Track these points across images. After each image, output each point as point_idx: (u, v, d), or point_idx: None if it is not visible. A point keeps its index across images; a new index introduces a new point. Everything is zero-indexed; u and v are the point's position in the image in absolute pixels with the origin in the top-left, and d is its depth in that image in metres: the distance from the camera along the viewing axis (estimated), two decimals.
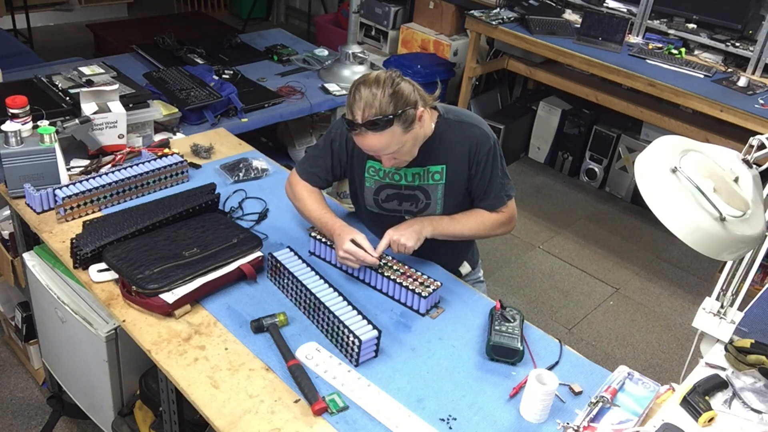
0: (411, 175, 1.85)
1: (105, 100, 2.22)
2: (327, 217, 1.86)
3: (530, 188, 4.29)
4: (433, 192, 1.86)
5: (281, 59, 3.45)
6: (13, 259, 2.28)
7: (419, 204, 1.88)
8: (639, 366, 2.97)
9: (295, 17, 6.70)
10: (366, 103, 1.60)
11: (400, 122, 1.63)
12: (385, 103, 1.60)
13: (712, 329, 1.64)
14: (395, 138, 1.65)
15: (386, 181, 1.88)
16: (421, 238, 1.80)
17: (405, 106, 1.63)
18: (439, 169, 1.84)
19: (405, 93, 1.63)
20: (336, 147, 1.90)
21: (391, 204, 1.91)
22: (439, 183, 1.85)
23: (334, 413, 1.45)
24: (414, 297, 1.74)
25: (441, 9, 4.72)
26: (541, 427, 1.47)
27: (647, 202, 1.40)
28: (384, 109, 1.60)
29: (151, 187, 2.09)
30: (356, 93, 1.63)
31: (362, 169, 1.89)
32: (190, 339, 1.61)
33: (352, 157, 1.89)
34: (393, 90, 1.61)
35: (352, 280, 1.85)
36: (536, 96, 4.67)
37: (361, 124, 1.61)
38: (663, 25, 3.92)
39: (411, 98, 1.65)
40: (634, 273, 3.63)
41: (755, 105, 3.21)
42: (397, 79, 1.64)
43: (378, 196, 1.90)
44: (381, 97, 1.60)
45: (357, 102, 1.62)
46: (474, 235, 1.92)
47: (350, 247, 1.76)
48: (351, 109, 1.63)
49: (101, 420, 2.10)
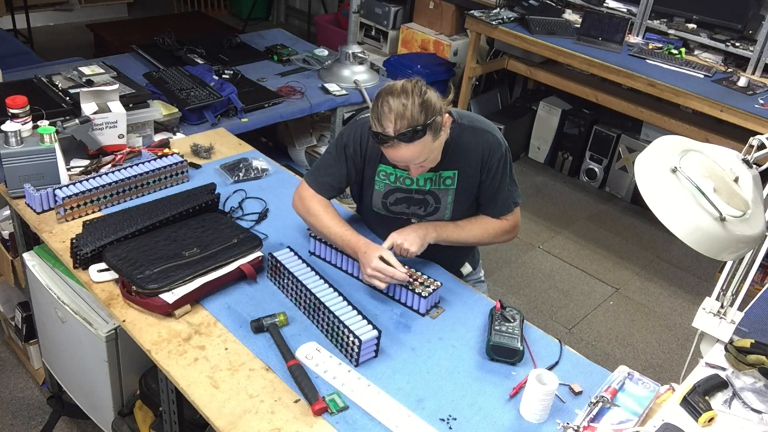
0: (423, 180, 1.84)
1: (105, 100, 2.22)
2: (348, 234, 1.80)
3: (530, 188, 4.29)
4: (443, 197, 1.86)
5: (281, 59, 3.45)
6: (13, 259, 2.28)
7: (428, 208, 1.88)
8: (639, 366, 2.97)
9: (295, 17, 6.70)
10: (397, 115, 1.57)
11: (431, 131, 1.61)
12: (416, 113, 1.58)
13: (712, 329, 1.64)
14: (426, 147, 1.63)
15: (397, 185, 1.86)
16: (424, 243, 1.81)
17: (434, 115, 1.61)
18: (451, 174, 1.83)
19: (433, 101, 1.61)
20: (350, 152, 1.85)
21: (399, 207, 1.90)
22: (450, 188, 1.84)
23: (334, 413, 1.45)
24: (414, 297, 1.74)
25: (441, 9, 4.72)
26: (541, 427, 1.47)
27: (647, 202, 1.40)
28: (416, 120, 1.58)
29: (151, 187, 2.09)
30: (384, 104, 1.59)
31: (373, 173, 1.87)
32: (190, 339, 1.61)
33: (365, 161, 1.87)
34: (422, 99, 1.59)
35: (352, 280, 1.85)
36: (536, 96, 4.67)
37: (393, 136, 1.58)
38: (663, 25, 3.92)
39: (437, 106, 1.63)
40: (634, 273, 3.63)
41: (755, 105, 3.21)
42: (424, 88, 1.62)
43: (387, 200, 1.89)
44: (411, 108, 1.57)
45: (387, 114, 1.58)
46: (477, 241, 1.93)
47: (379, 265, 1.71)
48: (380, 121, 1.60)
49: (101, 420, 2.10)
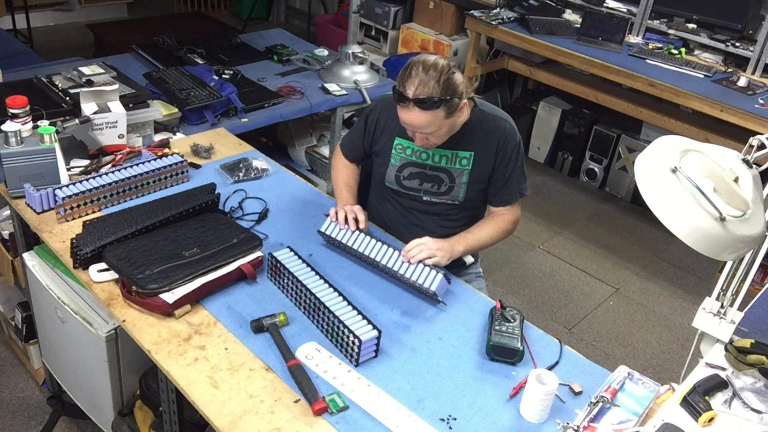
0: (438, 156, 1.95)
1: (105, 100, 2.22)
2: (342, 189, 2.06)
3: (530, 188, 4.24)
4: (458, 176, 1.96)
5: (281, 59, 3.44)
6: (13, 259, 2.28)
7: (442, 186, 1.98)
8: (639, 366, 2.97)
9: (295, 17, 6.70)
10: (420, 81, 1.72)
11: (445, 107, 1.75)
12: (437, 87, 1.72)
13: (712, 329, 1.64)
14: (437, 120, 1.77)
15: (413, 159, 1.98)
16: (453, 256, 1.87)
17: (453, 95, 1.75)
18: (467, 155, 1.94)
19: (456, 82, 1.76)
20: (370, 120, 2.05)
21: (412, 182, 2.00)
22: (465, 168, 1.95)
23: (334, 413, 1.45)
24: (428, 275, 1.76)
25: (441, 9, 4.72)
26: (541, 427, 1.48)
27: (647, 202, 1.40)
28: (435, 91, 1.72)
29: (151, 187, 2.09)
30: (413, 69, 1.74)
31: (390, 146, 2.00)
32: (190, 339, 1.61)
33: (382, 131, 2.01)
34: (447, 77, 1.74)
35: (353, 280, 1.85)
36: (536, 96, 4.67)
37: (411, 99, 1.73)
38: (663, 25, 3.92)
39: (459, 89, 1.77)
40: (634, 273, 3.63)
41: (755, 105, 3.22)
42: (453, 69, 1.77)
43: (401, 173, 2.00)
44: (435, 81, 1.72)
45: (412, 78, 1.73)
46: (492, 240, 2.01)
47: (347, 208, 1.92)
48: (404, 83, 1.74)
49: (101, 420, 2.10)
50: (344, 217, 1.91)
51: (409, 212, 2.07)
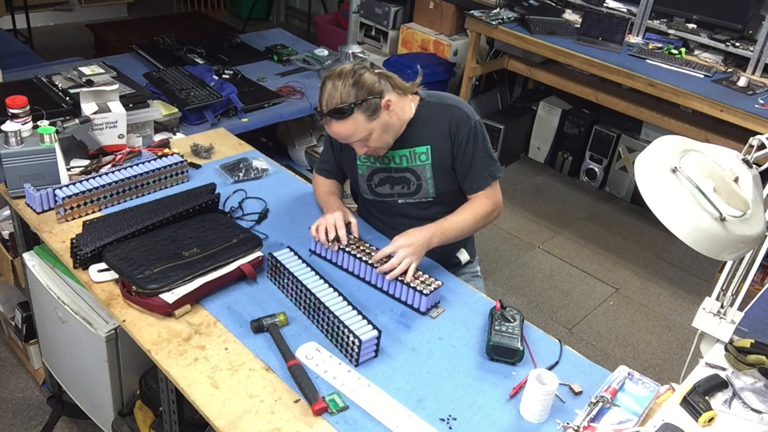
0: (399, 157, 1.94)
1: (105, 100, 2.22)
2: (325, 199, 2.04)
3: (530, 188, 4.29)
4: (422, 173, 1.94)
5: (281, 59, 3.45)
6: (13, 259, 2.28)
7: (411, 185, 1.96)
8: (639, 366, 2.97)
9: (295, 17, 6.70)
10: (329, 94, 1.74)
11: (361, 110, 1.75)
12: (345, 94, 1.73)
13: (712, 329, 1.64)
14: (360, 126, 1.77)
15: (377, 165, 1.98)
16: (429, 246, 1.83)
17: (367, 96, 1.75)
18: (424, 150, 1.92)
19: (367, 83, 1.75)
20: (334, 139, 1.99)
21: (383, 188, 1.99)
22: (426, 163, 1.93)
23: (334, 413, 1.45)
24: (415, 295, 1.74)
25: (441, 9, 4.72)
26: (541, 427, 1.47)
27: (647, 202, 1.40)
28: (344, 99, 1.73)
29: (151, 187, 2.09)
30: (323, 86, 1.77)
31: (354, 158, 1.99)
32: (190, 339, 1.61)
33: (345, 145, 1.98)
34: (354, 80, 1.74)
35: (353, 280, 1.85)
36: (536, 96, 4.67)
37: (325, 113, 1.76)
38: (663, 25, 3.92)
39: (375, 88, 1.76)
40: (634, 273, 3.63)
41: (755, 105, 3.21)
42: (360, 71, 1.76)
43: (371, 182, 2.00)
44: (342, 88, 1.73)
45: (323, 93, 1.76)
46: (473, 227, 1.95)
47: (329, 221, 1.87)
48: (319, 101, 1.78)
49: (101, 420, 2.10)
50: (325, 234, 1.86)
51: (393, 219, 2.03)
